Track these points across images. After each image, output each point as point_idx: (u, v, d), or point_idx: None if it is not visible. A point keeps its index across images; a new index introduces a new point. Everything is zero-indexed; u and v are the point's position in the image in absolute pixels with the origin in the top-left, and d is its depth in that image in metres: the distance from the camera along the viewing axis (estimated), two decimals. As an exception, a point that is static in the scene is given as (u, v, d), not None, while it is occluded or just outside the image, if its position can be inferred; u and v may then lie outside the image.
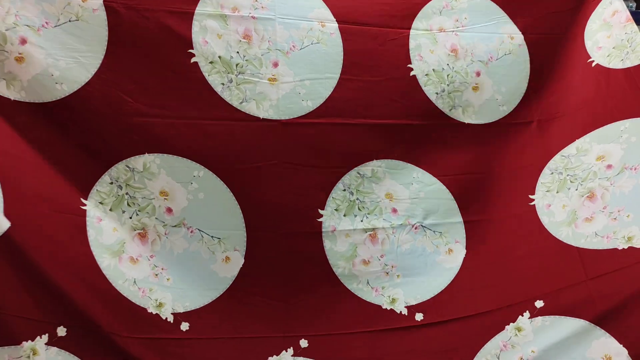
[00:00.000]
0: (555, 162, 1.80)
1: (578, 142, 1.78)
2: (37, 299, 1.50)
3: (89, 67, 1.59)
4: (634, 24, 1.73)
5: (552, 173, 1.79)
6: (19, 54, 1.51)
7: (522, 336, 1.63)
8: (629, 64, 1.70)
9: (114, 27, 1.59)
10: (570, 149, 1.79)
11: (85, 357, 1.56)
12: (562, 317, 1.64)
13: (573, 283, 1.65)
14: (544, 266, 1.70)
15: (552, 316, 1.64)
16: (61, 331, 1.53)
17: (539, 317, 1.65)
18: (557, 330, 1.62)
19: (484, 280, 1.74)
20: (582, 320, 1.61)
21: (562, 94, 1.85)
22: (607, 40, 1.76)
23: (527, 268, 1.72)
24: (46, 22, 1.55)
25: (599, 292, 1.61)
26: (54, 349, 1.52)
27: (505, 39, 1.85)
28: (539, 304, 1.66)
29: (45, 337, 1.50)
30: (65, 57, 1.56)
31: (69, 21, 1.57)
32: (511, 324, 1.66)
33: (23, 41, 1.52)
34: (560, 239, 1.73)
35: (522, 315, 1.66)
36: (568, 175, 1.77)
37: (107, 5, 1.59)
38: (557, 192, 1.77)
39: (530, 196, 1.80)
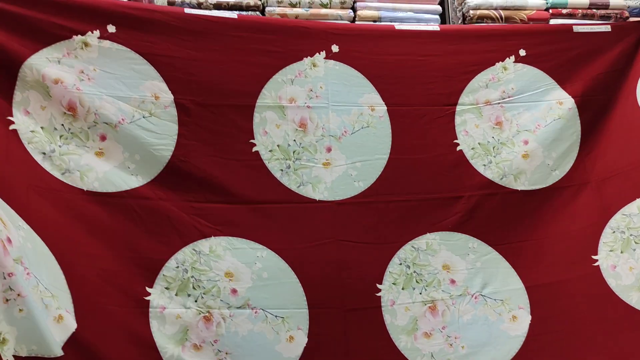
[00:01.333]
0: (617, 220, 1.82)
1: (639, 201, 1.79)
2: None
3: (161, 159, 1.72)
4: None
5: (614, 232, 1.81)
6: (100, 149, 1.68)
7: None
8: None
9: (184, 121, 1.74)
10: (632, 208, 1.81)
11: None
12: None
13: None
14: (614, 334, 1.68)
15: None
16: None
17: None
18: None
19: (552, 347, 1.73)
20: None
21: (617, 153, 1.89)
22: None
23: (596, 335, 1.70)
24: (122, 119, 1.69)
25: None
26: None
27: (554, 105, 1.92)
28: None
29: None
30: (140, 150, 1.70)
31: (143, 117, 1.71)
32: None
33: (103, 137, 1.67)
34: (630, 304, 1.72)
35: None
36: (631, 235, 1.78)
37: (177, 102, 1.75)
38: (622, 252, 1.78)
39: (593, 257, 1.81)
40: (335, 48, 1.87)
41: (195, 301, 1.71)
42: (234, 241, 1.76)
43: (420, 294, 1.82)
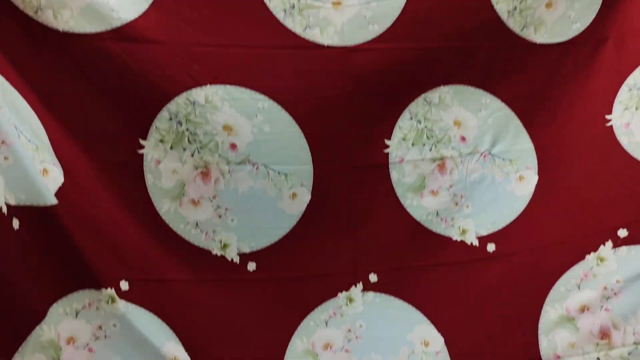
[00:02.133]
0: (634, 77, 1.71)
1: None
2: (97, 252, 1.47)
3: None
4: None
5: (630, 90, 1.71)
6: None
7: (604, 266, 1.61)
8: None
9: None
10: None
11: (150, 307, 1.54)
12: (650, 247, 1.61)
13: None
14: (626, 192, 1.65)
15: (637, 246, 1.61)
16: (124, 285, 1.52)
17: (624, 246, 1.62)
18: None
19: (559, 208, 1.70)
20: None
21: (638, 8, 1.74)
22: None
23: (607, 194, 1.66)
24: None
25: None
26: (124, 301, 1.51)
27: None
28: (623, 233, 1.63)
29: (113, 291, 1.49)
30: None
31: None
32: (592, 253, 1.63)
33: None
34: None
35: (604, 245, 1.63)
36: None
37: None
38: (637, 109, 1.69)
39: (607, 116, 1.72)
40: None
41: (192, 155, 1.58)
42: (232, 90, 1.57)
43: (430, 150, 1.73)
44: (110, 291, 1.48)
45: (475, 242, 1.73)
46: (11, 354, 1.35)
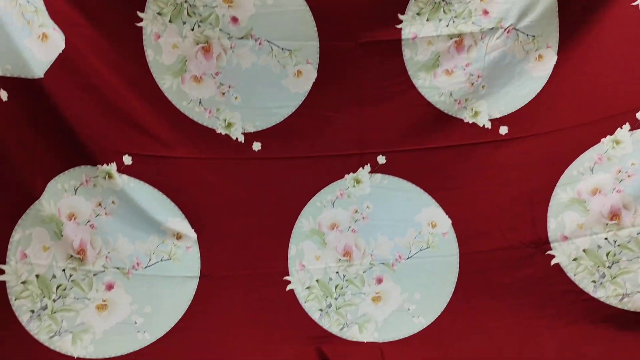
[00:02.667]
0: None
1: None
2: (98, 124, 1.44)
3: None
4: None
5: None
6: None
7: (620, 149, 1.55)
8: None
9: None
10: None
11: (154, 183, 1.53)
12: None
13: None
14: None
15: None
16: (127, 159, 1.50)
17: None
18: None
19: (577, 90, 1.61)
20: None
21: None
22: None
23: (628, 76, 1.56)
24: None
25: None
26: (125, 176, 1.49)
27: None
28: None
29: (113, 165, 1.47)
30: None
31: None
32: (608, 136, 1.56)
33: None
34: None
35: (621, 128, 1.56)
36: None
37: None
38: None
39: None
40: None
41: (192, 29, 1.50)
42: None
43: (447, 26, 1.62)
44: (107, 167, 1.47)
45: (488, 125, 1.67)
46: (10, 229, 1.36)
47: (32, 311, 1.39)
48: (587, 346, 1.43)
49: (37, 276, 1.40)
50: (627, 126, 1.54)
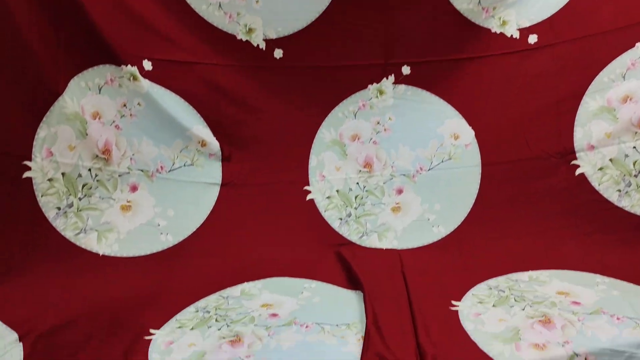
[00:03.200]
0: None
1: None
2: (118, 28, 1.44)
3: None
4: None
5: None
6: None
7: None
8: None
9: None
10: None
11: (176, 90, 1.54)
12: None
13: None
14: None
15: None
16: (147, 65, 1.50)
17: None
18: None
19: None
20: None
21: None
22: None
23: None
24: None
25: None
26: (148, 81, 1.50)
27: None
28: None
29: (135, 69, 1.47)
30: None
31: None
32: None
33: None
34: None
35: None
36: None
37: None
38: None
39: None
40: None
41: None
42: None
43: None
44: (132, 68, 1.47)
45: (516, 35, 1.62)
46: (36, 125, 1.39)
47: (59, 208, 1.43)
48: (611, 254, 1.42)
49: (63, 174, 1.43)
50: None
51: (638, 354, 1.03)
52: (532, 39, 1.60)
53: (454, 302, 1.24)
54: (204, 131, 1.57)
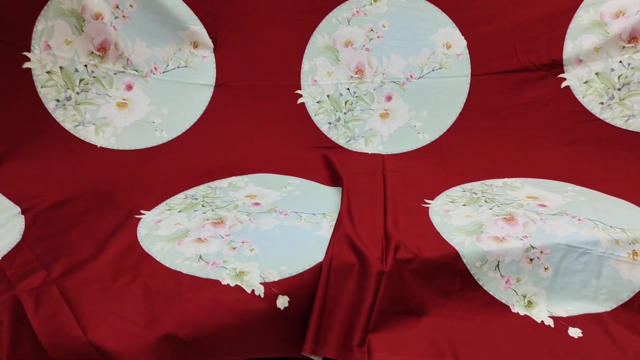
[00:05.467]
0: None
1: None
2: None
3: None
4: None
5: None
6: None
7: None
8: None
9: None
10: None
11: None
12: None
13: None
14: None
15: None
16: None
17: None
18: None
19: None
20: None
21: None
22: None
23: None
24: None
25: None
26: None
27: None
28: None
29: None
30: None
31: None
32: None
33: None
34: None
35: None
36: None
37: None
38: None
39: None
40: None
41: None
42: None
43: None
44: None
45: None
46: (34, 18, 1.44)
47: (57, 100, 1.51)
48: (587, 164, 1.49)
49: (60, 68, 1.51)
50: None
51: (592, 251, 1.12)
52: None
53: (426, 200, 1.34)
54: (198, 31, 1.63)
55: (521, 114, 1.59)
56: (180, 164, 1.55)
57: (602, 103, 1.52)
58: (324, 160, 1.59)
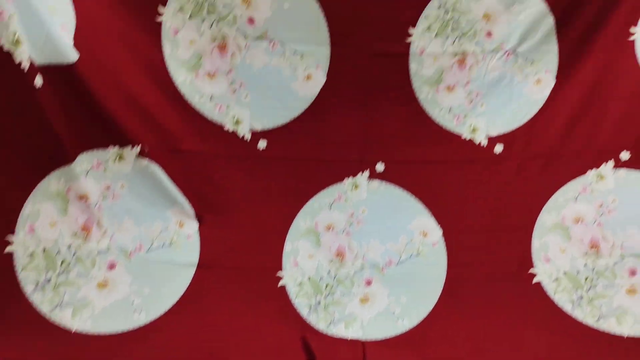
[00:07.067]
0: None
1: None
2: (123, 112, 1.56)
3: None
4: None
5: None
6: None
7: (603, 184, 1.68)
8: None
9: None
10: None
11: (169, 172, 1.67)
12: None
13: None
14: (636, 112, 1.67)
15: (636, 171, 1.67)
16: (135, 150, 1.63)
17: (624, 169, 1.68)
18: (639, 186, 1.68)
19: (570, 117, 1.72)
20: None
21: None
22: None
23: (618, 112, 1.69)
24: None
25: None
26: (144, 160, 1.63)
27: None
28: (625, 155, 1.68)
29: (136, 148, 1.61)
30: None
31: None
32: (594, 169, 1.70)
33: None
34: None
35: (606, 164, 1.69)
36: None
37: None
38: None
39: (632, 29, 1.70)
40: None
41: (210, 27, 1.62)
42: None
43: (453, 44, 1.75)
44: (119, 149, 1.59)
45: (484, 142, 1.79)
46: (22, 200, 1.50)
47: (37, 283, 1.51)
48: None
49: (44, 250, 1.52)
50: (611, 163, 1.68)
51: None
52: (499, 148, 1.78)
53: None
54: (184, 212, 1.69)
55: (498, 305, 1.67)
56: (156, 350, 1.54)
57: (572, 302, 1.63)
58: (304, 347, 1.60)
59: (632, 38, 1.68)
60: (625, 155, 1.68)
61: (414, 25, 1.71)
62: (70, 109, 1.50)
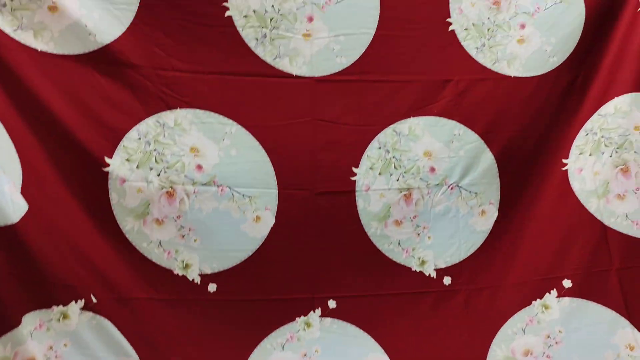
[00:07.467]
0: (592, 122, 1.79)
1: (617, 101, 1.76)
2: (69, 266, 1.56)
3: (122, 19, 1.61)
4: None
5: (587, 134, 1.79)
6: (52, 2, 1.51)
7: (548, 314, 1.73)
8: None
9: None
10: (608, 107, 1.77)
11: (117, 322, 1.64)
12: (589, 302, 1.74)
13: (602, 269, 1.74)
14: (573, 240, 1.76)
15: (579, 299, 1.73)
16: (94, 298, 1.61)
17: (567, 297, 1.73)
18: (583, 314, 1.73)
19: (513, 248, 1.79)
20: (608, 309, 1.72)
21: (611, 45, 1.81)
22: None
23: (556, 240, 1.77)
24: None
25: (628, 284, 1.71)
26: (89, 313, 1.60)
27: None
28: (567, 283, 1.74)
29: (80, 303, 1.57)
30: (99, 8, 1.57)
31: None
32: (538, 300, 1.74)
33: None
34: (590, 211, 1.77)
35: (550, 293, 1.74)
36: (603, 137, 1.77)
37: None
38: (590, 155, 1.78)
39: (564, 160, 1.82)
40: None
41: (158, 175, 1.66)
42: (201, 114, 1.68)
43: (397, 180, 1.82)
44: (63, 308, 1.57)
45: (433, 274, 1.83)
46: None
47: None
48: None
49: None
50: (554, 292, 1.73)
51: None
52: (447, 280, 1.82)
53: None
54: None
55: None
56: None
57: None
58: None
59: (565, 168, 1.78)
60: (567, 284, 1.72)
61: (357, 165, 1.78)
62: (14, 270, 1.48)
